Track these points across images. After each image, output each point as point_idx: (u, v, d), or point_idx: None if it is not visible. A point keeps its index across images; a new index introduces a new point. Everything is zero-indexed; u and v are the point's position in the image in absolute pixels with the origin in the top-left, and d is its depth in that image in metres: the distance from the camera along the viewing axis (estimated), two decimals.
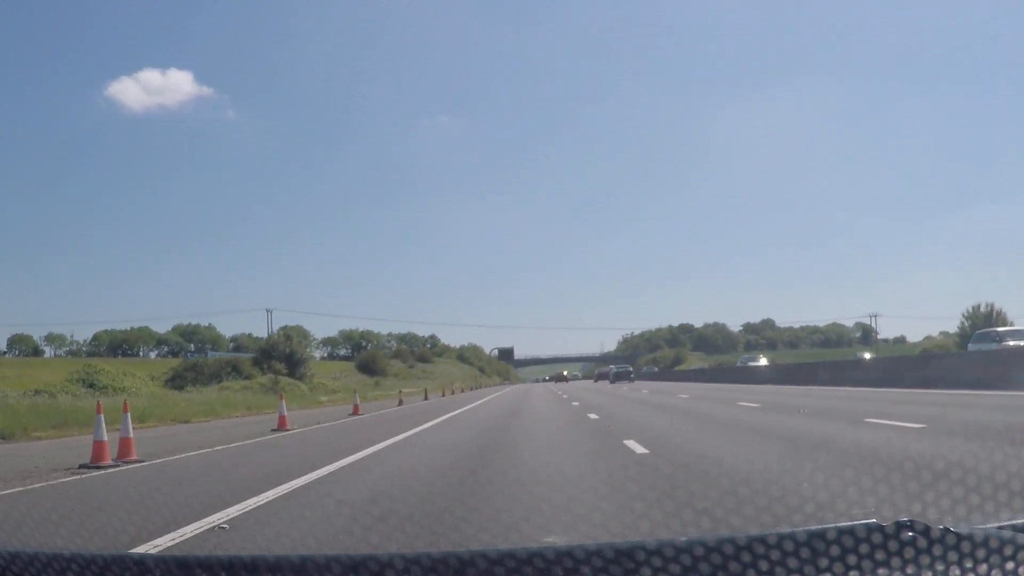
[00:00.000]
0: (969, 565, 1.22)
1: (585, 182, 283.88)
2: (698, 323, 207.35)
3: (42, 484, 9.30)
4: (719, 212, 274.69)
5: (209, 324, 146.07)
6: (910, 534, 1.23)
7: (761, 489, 6.08)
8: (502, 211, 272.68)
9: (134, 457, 11.82)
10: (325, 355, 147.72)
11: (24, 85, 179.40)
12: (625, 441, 10.90)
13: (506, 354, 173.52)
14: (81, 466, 11.03)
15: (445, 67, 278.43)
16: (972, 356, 26.59)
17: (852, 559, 1.23)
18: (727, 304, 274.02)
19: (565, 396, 36.03)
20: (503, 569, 1.26)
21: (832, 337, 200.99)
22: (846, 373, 32.77)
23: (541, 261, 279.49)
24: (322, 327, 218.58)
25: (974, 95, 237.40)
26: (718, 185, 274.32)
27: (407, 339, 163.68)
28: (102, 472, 10.48)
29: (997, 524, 1.36)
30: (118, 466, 11.09)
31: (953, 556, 1.22)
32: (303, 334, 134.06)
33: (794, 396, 22.72)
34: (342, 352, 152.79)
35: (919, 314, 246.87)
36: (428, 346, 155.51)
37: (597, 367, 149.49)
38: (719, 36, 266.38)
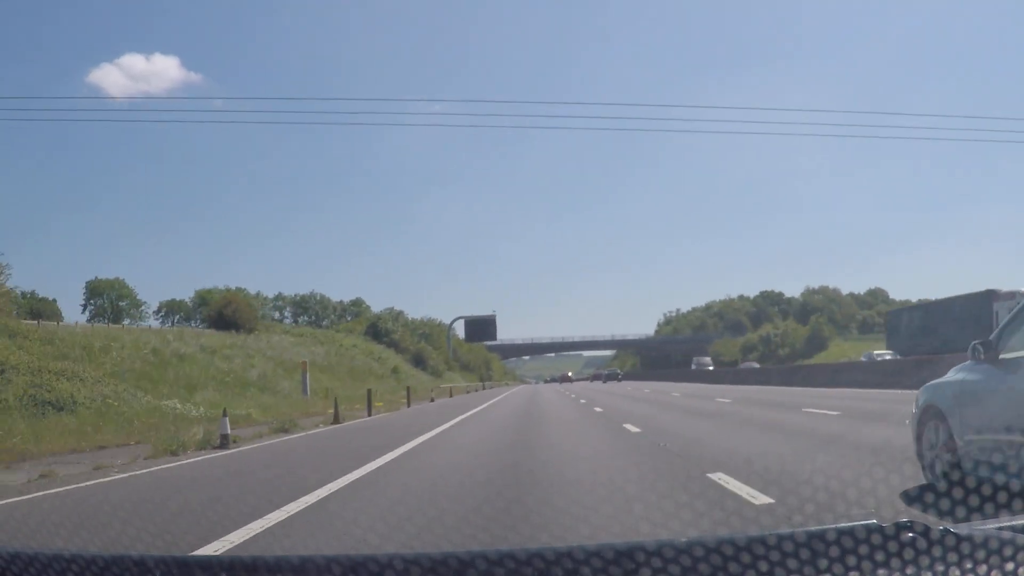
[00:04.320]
0: (969, 566, 1.22)
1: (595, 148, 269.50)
2: (786, 291, 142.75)
3: None
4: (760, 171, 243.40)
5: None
6: (910, 535, 1.23)
7: None
8: (485, 191, 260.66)
9: None
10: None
11: None
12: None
13: (481, 330, 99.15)
14: None
15: (435, 53, 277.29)
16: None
17: (852, 560, 1.23)
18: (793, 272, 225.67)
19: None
20: (503, 570, 1.26)
21: None
22: (843, 375, 33.14)
23: (537, 241, 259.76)
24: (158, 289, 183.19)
25: None
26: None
27: (307, 302, 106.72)
28: None
29: (997, 525, 1.36)
30: None
31: (953, 557, 1.22)
32: (125, 291, 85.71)
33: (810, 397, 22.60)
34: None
35: None
36: (344, 315, 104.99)
37: (610, 364, 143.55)
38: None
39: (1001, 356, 5.99)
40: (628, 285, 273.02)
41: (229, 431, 14.06)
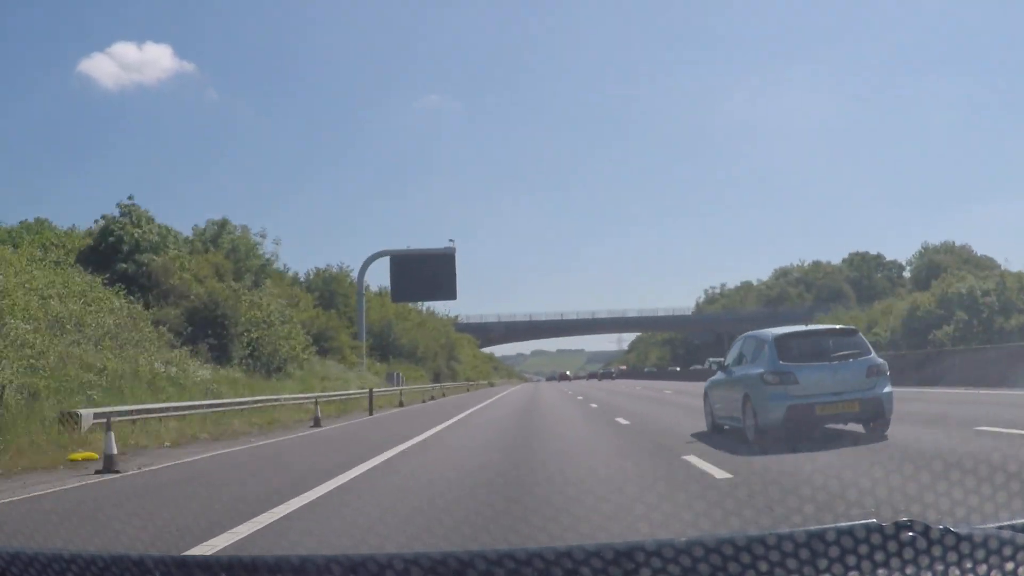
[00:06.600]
0: (969, 565, 1.22)
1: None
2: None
3: None
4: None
5: None
6: (910, 534, 1.23)
7: None
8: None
9: None
10: None
11: None
12: None
13: (423, 279, 51.27)
14: None
15: (437, 49, 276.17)
16: (972, 355, 26.65)
17: (852, 559, 1.23)
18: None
19: None
20: (503, 570, 1.26)
21: None
22: None
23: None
24: None
25: None
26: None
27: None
28: None
29: (997, 524, 1.36)
30: None
31: (953, 556, 1.22)
32: None
33: None
34: None
35: None
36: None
37: (626, 357, 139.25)
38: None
39: (729, 367, 11.75)
40: (638, 268, 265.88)
41: None
